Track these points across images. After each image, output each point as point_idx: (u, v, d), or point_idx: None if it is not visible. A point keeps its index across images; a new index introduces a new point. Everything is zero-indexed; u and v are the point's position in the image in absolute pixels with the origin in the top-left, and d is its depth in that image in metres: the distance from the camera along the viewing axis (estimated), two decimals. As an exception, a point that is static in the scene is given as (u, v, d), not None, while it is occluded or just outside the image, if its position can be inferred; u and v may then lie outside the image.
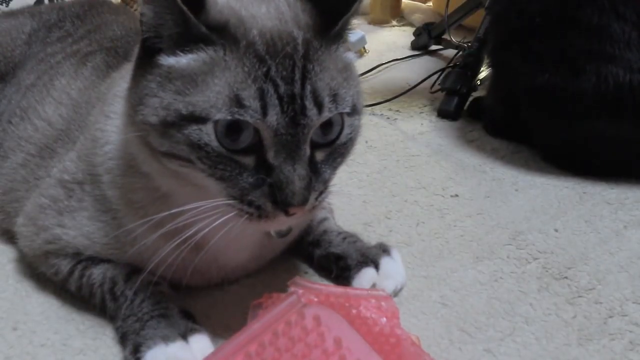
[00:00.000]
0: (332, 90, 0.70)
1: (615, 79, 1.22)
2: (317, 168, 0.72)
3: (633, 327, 0.87)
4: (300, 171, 0.68)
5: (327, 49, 0.72)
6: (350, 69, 0.76)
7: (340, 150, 0.74)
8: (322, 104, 0.69)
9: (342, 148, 0.74)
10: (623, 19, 1.23)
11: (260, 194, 0.69)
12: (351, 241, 0.96)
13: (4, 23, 1.24)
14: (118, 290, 0.82)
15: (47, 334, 0.82)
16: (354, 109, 0.74)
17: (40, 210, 0.88)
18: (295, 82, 0.67)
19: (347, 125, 0.73)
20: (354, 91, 0.74)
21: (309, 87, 0.68)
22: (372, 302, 0.71)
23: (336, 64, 0.73)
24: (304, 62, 0.68)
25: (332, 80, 0.70)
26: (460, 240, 1.08)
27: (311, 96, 0.68)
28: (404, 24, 2.55)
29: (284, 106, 0.67)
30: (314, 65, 0.69)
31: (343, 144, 0.74)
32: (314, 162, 0.71)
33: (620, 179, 1.28)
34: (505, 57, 1.41)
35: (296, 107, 0.67)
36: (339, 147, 0.74)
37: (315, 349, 0.62)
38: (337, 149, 0.74)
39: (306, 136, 0.69)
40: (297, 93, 0.67)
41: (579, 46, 1.26)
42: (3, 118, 1.08)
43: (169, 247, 0.75)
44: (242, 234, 0.82)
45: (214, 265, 0.86)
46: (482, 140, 1.50)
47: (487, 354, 0.81)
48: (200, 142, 0.67)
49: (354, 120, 0.75)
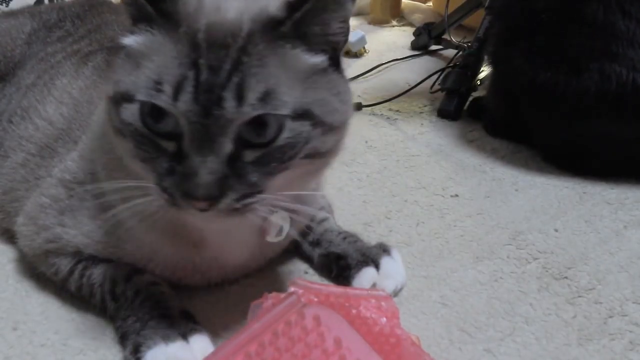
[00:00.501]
0: (266, 87, 0.66)
1: (618, 77, 1.22)
2: (240, 167, 0.68)
3: (633, 327, 0.87)
4: (212, 165, 0.66)
5: (276, 46, 0.68)
6: (318, 74, 0.71)
7: (276, 155, 0.68)
8: (244, 99, 0.65)
9: (278, 152, 0.68)
10: (629, 16, 1.22)
11: (172, 182, 0.67)
12: (351, 241, 0.96)
13: (4, 23, 1.24)
14: (118, 290, 0.82)
15: (47, 334, 0.82)
16: (304, 115, 0.68)
17: (41, 209, 0.88)
18: (221, 72, 0.65)
19: (288, 129, 0.68)
20: (313, 98, 0.69)
21: (235, 79, 0.65)
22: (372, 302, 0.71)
23: (286, 63, 0.68)
24: (239, 55, 0.66)
25: (270, 77, 0.66)
26: (460, 240, 1.08)
27: (234, 88, 0.65)
28: (404, 24, 2.55)
29: (199, 94, 0.65)
30: (251, 59, 0.66)
31: (279, 148, 0.68)
32: (239, 161, 0.67)
33: (620, 179, 1.28)
34: (507, 55, 1.40)
35: (212, 96, 0.65)
36: (275, 150, 0.68)
37: (315, 349, 0.61)
38: (271, 153, 0.68)
39: (224, 129, 0.66)
40: (218, 83, 0.65)
41: (582, 44, 1.26)
42: (3, 117, 1.08)
43: (165, 243, 0.76)
44: (241, 233, 0.82)
45: (215, 265, 0.86)
46: (482, 140, 1.50)
47: (487, 354, 0.81)
48: (128, 120, 0.69)
49: (301, 127, 0.68)
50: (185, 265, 0.84)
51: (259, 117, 0.66)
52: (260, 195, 0.69)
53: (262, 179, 0.69)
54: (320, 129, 0.70)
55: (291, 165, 0.70)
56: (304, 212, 0.79)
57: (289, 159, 0.69)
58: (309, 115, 0.69)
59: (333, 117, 0.71)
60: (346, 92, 0.75)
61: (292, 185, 0.73)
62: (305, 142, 0.69)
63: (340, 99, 0.73)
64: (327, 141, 0.72)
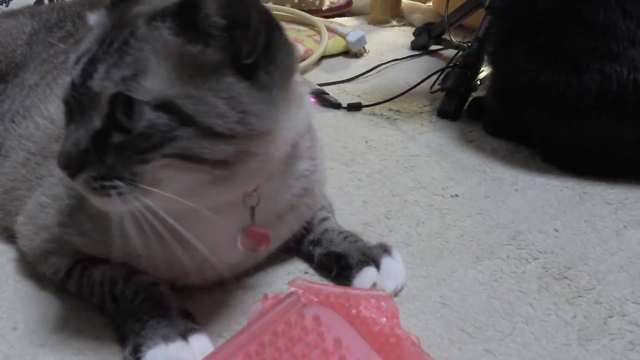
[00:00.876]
0: (134, 70, 0.66)
1: (619, 77, 1.21)
2: (104, 147, 0.68)
3: (633, 327, 0.87)
4: (76, 136, 0.68)
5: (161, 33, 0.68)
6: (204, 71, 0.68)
7: (136, 143, 0.67)
8: (110, 75, 0.67)
9: (138, 141, 0.66)
10: (629, 16, 1.22)
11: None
12: (352, 240, 0.96)
13: (4, 23, 1.24)
14: (117, 290, 0.82)
15: (47, 334, 0.82)
16: (165, 107, 0.66)
17: (41, 209, 0.88)
18: (108, 50, 0.68)
19: (145, 118, 0.66)
20: (185, 93, 0.67)
21: (114, 56, 0.67)
22: (372, 302, 0.71)
23: (165, 51, 0.68)
24: (128, 36, 0.69)
25: (142, 62, 0.67)
26: (460, 240, 1.08)
27: (108, 65, 0.67)
28: (404, 24, 2.55)
29: (85, 66, 0.69)
30: (136, 41, 0.68)
31: (138, 137, 0.66)
32: (105, 141, 0.68)
33: (620, 179, 1.28)
34: (507, 55, 1.40)
35: (90, 69, 0.68)
36: (135, 138, 0.67)
37: (315, 349, 0.62)
38: (133, 140, 0.67)
39: (92, 103, 0.68)
40: (100, 57, 0.68)
41: (582, 44, 1.25)
42: (6, 118, 1.08)
43: (153, 241, 0.76)
44: (225, 231, 0.82)
45: (207, 265, 0.85)
46: (482, 140, 1.50)
47: (487, 354, 0.81)
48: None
49: (159, 119, 0.66)
50: (177, 264, 0.84)
51: (124, 98, 0.66)
52: (120, 182, 0.68)
53: (121, 165, 0.68)
54: (192, 129, 0.67)
55: (151, 159, 0.67)
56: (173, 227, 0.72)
57: (148, 152, 0.67)
58: (171, 108, 0.66)
59: (215, 121, 0.67)
60: (249, 102, 0.69)
61: (173, 187, 0.70)
62: (168, 138, 0.67)
63: (233, 105, 0.68)
64: (214, 149, 0.68)
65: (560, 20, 1.29)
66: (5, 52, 1.18)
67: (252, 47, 0.70)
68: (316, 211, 0.99)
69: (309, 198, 0.92)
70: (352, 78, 1.89)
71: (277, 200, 0.86)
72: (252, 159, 0.72)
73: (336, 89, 1.79)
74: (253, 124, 0.69)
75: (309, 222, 0.97)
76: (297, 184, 0.87)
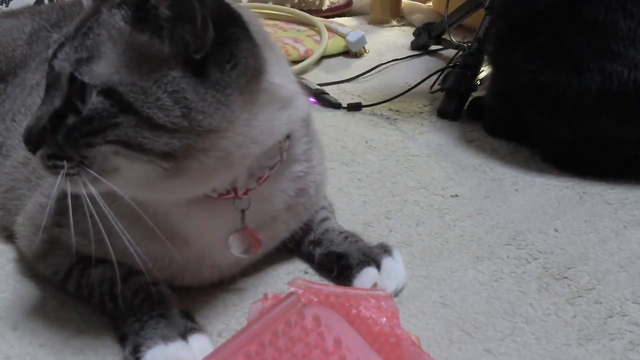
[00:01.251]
0: (89, 53, 0.69)
1: (619, 77, 1.21)
2: (59, 127, 0.70)
3: (633, 327, 0.87)
4: (39, 113, 0.72)
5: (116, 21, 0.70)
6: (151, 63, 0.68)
7: (82, 126, 0.68)
8: (68, 57, 0.69)
9: (84, 124, 0.68)
10: (630, 15, 1.22)
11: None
12: (353, 240, 0.96)
13: (5, 23, 1.24)
14: (117, 290, 0.82)
15: (47, 334, 0.82)
16: (109, 93, 0.67)
17: (40, 209, 0.88)
18: (76, 34, 0.71)
19: (91, 101, 0.67)
20: (129, 81, 0.67)
21: (78, 39, 0.70)
22: (372, 302, 0.71)
23: (123, 41, 0.69)
24: (93, 22, 0.71)
25: (98, 46, 0.69)
26: (460, 240, 1.08)
27: (70, 47, 0.70)
28: (404, 24, 2.55)
29: (56, 46, 0.72)
30: (98, 27, 0.70)
31: (85, 120, 0.68)
32: (62, 122, 0.70)
33: (620, 179, 1.28)
34: (507, 54, 1.40)
35: (58, 49, 0.71)
36: (83, 121, 0.68)
37: (315, 349, 0.62)
38: (81, 123, 0.68)
39: (55, 82, 0.71)
40: (69, 40, 0.71)
41: (583, 43, 1.25)
42: (7, 117, 1.08)
43: (147, 240, 0.77)
44: (220, 230, 0.82)
45: (205, 264, 0.85)
46: (482, 140, 1.50)
47: (487, 354, 0.81)
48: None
49: (102, 104, 0.67)
50: (173, 263, 0.84)
51: (77, 81, 0.68)
52: (68, 164, 0.70)
53: (69, 146, 0.69)
54: (133, 118, 0.67)
55: (95, 143, 0.68)
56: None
57: (92, 135, 0.68)
58: (113, 94, 0.67)
59: (156, 112, 0.67)
60: (194, 99, 0.68)
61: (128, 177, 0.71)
62: (109, 124, 0.67)
63: (177, 99, 0.68)
64: (157, 140, 0.68)
65: (561, 20, 1.28)
66: (6, 52, 1.18)
67: (200, 42, 0.68)
68: (316, 211, 0.99)
69: (305, 198, 0.91)
70: (352, 78, 1.89)
71: (270, 203, 0.86)
72: (202, 155, 0.70)
73: (336, 89, 1.79)
74: (199, 120, 0.68)
75: (309, 222, 0.97)
76: (291, 185, 0.87)
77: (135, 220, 0.77)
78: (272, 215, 0.88)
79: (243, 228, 0.83)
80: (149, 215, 0.76)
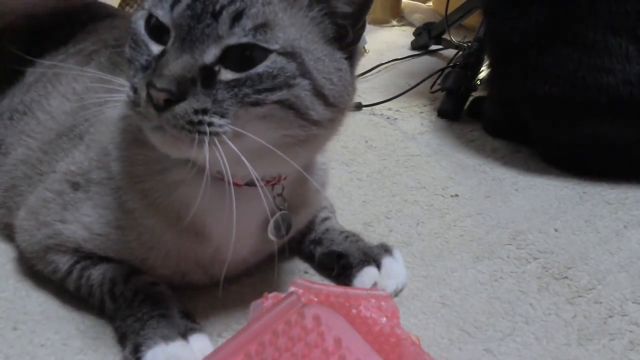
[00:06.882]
0: (264, 19, 0.68)
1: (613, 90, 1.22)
2: (212, 81, 0.67)
3: (633, 327, 0.87)
4: (183, 62, 0.66)
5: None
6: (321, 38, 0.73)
7: (252, 83, 0.68)
8: (239, 24, 0.67)
9: (255, 80, 0.68)
10: (619, 33, 1.23)
11: (142, 76, 0.69)
12: (353, 240, 0.96)
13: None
14: (117, 290, 0.82)
15: (47, 334, 0.82)
16: (292, 54, 0.69)
17: (44, 204, 0.88)
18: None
19: (271, 60, 0.68)
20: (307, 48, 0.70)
21: (237, 3, 0.67)
22: (372, 301, 0.71)
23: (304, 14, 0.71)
24: None
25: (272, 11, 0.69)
26: (460, 240, 1.08)
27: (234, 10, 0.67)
28: (404, 24, 2.55)
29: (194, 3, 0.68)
30: None
31: (257, 76, 0.68)
32: (213, 76, 0.67)
33: (620, 179, 1.28)
34: (504, 71, 1.41)
35: (208, 7, 0.67)
36: (252, 77, 0.68)
37: (315, 348, 0.61)
38: (249, 79, 0.68)
39: (210, 41, 0.67)
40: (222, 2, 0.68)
41: (577, 60, 1.26)
42: (5, 115, 1.08)
43: (167, 228, 0.78)
44: (244, 223, 0.82)
45: (216, 259, 0.85)
46: (482, 140, 1.50)
47: (487, 354, 0.81)
48: (133, 25, 0.73)
49: (286, 63, 0.69)
50: (187, 257, 0.84)
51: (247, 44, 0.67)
52: (220, 121, 0.67)
53: (228, 102, 0.67)
54: (309, 82, 0.70)
55: (263, 101, 0.68)
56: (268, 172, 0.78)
57: (263, 92, 0.68)
58: (296, 57, 0.70)
59: (327, 84, 0.72)
60: (347, 80, 0.75)
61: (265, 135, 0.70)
62: (287, 83, 0.69)
63: (340, 77, 0.74)
64: (317, 108, 0.71)
65: (552, 39, 1.29)
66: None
67: (355, 36, 0.76)
68: (317, 210, 0.99)
69: (321, 195, 0.95)
70: (352, 78, 1.89)
71: (299, 194, 0.88)
72: (335, 130, 0.78)
73: (336, 89, 1.79)
74: (347, 100, 0.76)
75: (310, 221, 0.97)
76: (315, 177, 0.90)
77: (156, 205, 0.80)
78: (298, 206, 0.89)
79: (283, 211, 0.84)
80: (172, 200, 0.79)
